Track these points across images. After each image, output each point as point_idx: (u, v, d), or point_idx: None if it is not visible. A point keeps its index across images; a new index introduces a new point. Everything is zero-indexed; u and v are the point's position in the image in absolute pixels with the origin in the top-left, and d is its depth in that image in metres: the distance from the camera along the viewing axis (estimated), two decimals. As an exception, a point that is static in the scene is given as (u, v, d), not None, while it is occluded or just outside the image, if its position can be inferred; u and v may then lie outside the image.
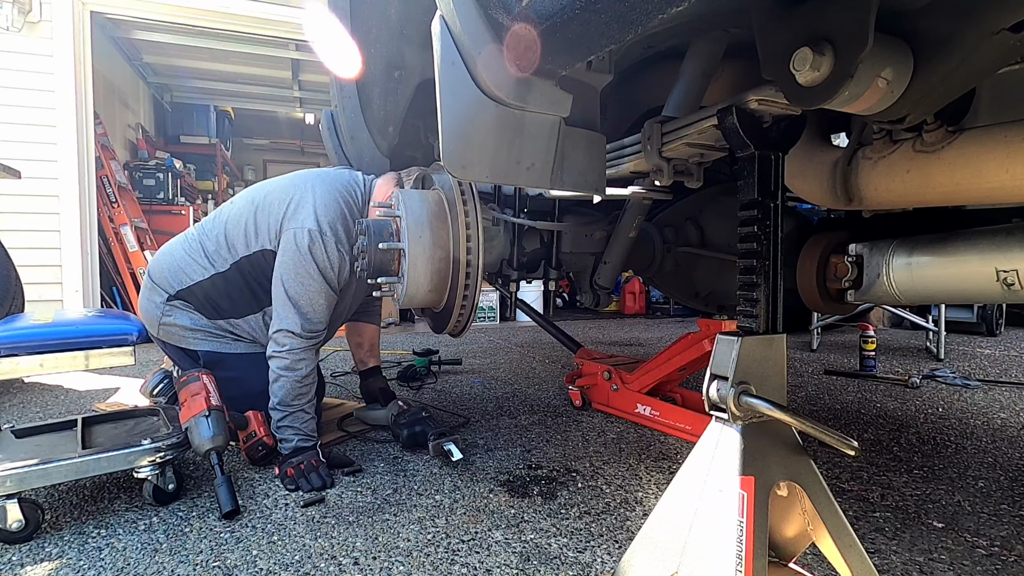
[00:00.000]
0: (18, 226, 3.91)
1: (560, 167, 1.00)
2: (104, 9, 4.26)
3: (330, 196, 1.71)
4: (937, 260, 1.22)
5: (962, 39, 0.70)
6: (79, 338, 1.30)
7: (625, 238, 1.89)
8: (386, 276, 1.72)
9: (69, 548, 1.16)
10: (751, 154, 0.87)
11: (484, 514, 1.31)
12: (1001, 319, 4.62)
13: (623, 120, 1.56)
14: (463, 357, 3.40)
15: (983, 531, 1.25)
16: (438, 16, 0.86)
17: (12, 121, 3.96)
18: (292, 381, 1.55)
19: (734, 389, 0.77)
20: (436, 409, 2.19)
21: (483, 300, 5.42)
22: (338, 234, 1.66)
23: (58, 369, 1.27)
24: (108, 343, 1.32)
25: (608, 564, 1.10)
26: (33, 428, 1.47)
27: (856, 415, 2.18)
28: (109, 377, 2.83)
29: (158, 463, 1.34)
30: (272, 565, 1.10)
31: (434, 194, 1.75)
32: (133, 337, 1.34)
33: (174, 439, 1.38)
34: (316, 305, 1.62)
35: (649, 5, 0.61)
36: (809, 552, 1.04)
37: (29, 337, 1.26)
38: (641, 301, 6.68)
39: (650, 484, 1.48)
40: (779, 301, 0.87)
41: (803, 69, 0.70)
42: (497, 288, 2.52)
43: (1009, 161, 0.99)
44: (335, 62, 1.95)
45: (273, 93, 6.72)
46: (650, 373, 2.01)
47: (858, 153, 1.27)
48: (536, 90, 0.89)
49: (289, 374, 1.56)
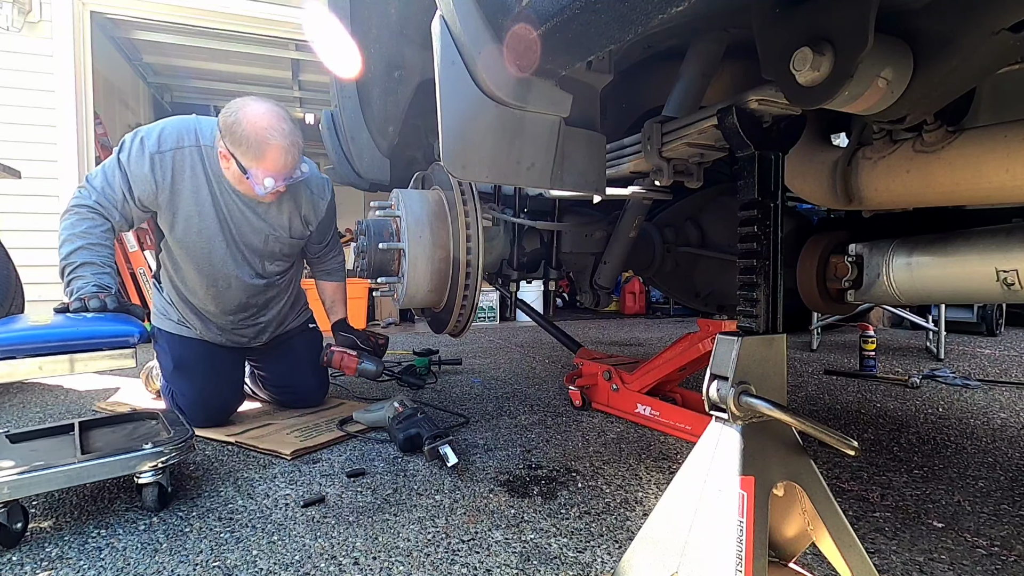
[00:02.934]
0: (18, 226, 3.91)
1: (560, 167, 1.00)
2: (104, 9, 4.26)
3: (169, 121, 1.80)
4: (937, 260, 1.22)
5: (962, 39, 0.70)
6: (79, 340, 1.25)
7: (625, 238, 1.89)
8: (386, 276, 1.72)
9: (69, 548, 1.16)
10: (751, 154, 0.87)
11: (484, 514, 1.31)
12: (1001, 319, 4.62)
13: (623, 120, 1.56)
14: (463, 357, 3.40)
15: (983, 531, 1.25)
16: (438, 16, 0.86)
17: (12, 121, 3.96)
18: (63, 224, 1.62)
19: (734, 389, 0.77)
20: (436, 409, 2.19)
21: (483, 300, 5.41)
22: (159, 144, 1.72)
23: (57, 372, 1.23)
24: (109, 345, 1.27)
25: (608, 564, 1.10)
26: (29, 433, 1.45)
27: (856, 415, 2.18)
28: (109, 377, 2.83)
29: (160, 467, 1.32)
30: (272, 565, 1.10)
31: (434, 194, 1.75)
32: (134, 339, 1.29)
33: (176, 442, 1.35)
34: (99, 178, 1.70)
35: (649, 5, 0.61)
36: (809, 552, 1.04)
37: (27, 339, 1.21)
38: (641, 301, 6.68)
39: (650, 484, 1.48)
40: (779, 301, 0.87)
41: (803, 69, 0.70)
42: (497, 288, 2.52)
43: (1009, 161, 0.99)
44: (335, 62, 1.95)
45: (273, 93, 6.71)
46: (650, 373, 2.01)
47: (858, 153, 1.27)
48: (536, 90, 0.89)
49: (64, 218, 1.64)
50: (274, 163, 1.66)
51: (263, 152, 1.64)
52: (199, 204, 1.78)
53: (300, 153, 1.74)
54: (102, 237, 1.63)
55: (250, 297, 1.97)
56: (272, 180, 1.68)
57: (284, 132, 1.66)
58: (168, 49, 5.37)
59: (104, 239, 1.63)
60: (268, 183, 1.67)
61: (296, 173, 1.74)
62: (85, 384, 2.70)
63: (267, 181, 1.67)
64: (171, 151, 1.73)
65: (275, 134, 1.64)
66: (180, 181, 1.75)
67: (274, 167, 1.67)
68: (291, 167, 1.70)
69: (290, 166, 1.70)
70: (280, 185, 1.71)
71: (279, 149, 1.65)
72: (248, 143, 1.64)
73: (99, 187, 1.68)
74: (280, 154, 1.66)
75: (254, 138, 1.63)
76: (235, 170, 1.70)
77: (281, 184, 1.71)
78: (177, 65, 5.85)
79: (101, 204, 1.66)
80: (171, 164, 1.73)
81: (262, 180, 1.67)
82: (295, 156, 1.70)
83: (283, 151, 1.66)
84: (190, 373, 1.91)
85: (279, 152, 1.65)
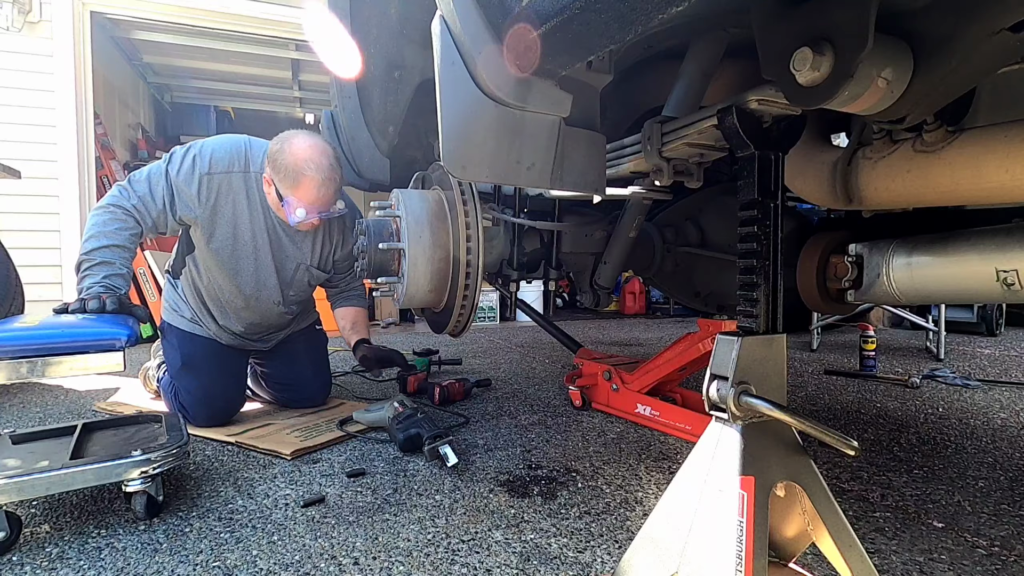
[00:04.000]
0: (18, 226, 3.91)
1: (560, 167, 1.00)
2: (104, 9, 4.27)
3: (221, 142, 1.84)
4: (937, 260, 1.22)
5: (962, 39, 0.70)
6: (65, 342, 1.20)
7: (625, 238, 1.89)
8: (386, 276, 1.72)
9: (69, 548, 1.16)
10: (751, 154, 0.87)
11: (484, 514, 1.31)
12: (1001, 319, 4.62)
13: (623, 120, 1.56)
14: (463, 357, 3.40)
15: (983, 531, 1.25)
16: (438, 16, 0.86)
17: (12, 121, 3.96)
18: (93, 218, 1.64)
19: (734, 389, 0.77)
20: (435, 409, 2.19)
21: (483, 300, 5.41)
22: (211, 166, 1.76)
23: (40, 375, 1.17)
24: (96, 348, 1.22)
25: (608, 564, 1.10)
26: (31, 434, 1.43)
27: (856, 415, 2.18)
28: (109, 377, 2.83)
29: (150, 476, 1.25)
30: (272, 565, 1.10)
31: (434, 194, 1.75)
32: (122, 341, 1.24)
33: (168, 449, 1.30)
34: (143, 183, 1.72)
35: (649, 5, 0.61)
36: (809, 552, 1.04)
37: (10, 341, 1.17)
38: (641, 301, 6.68)
39: (650, 484, 1.48)
40: (779, 301, 0.87)
41: (803, 69, 0.70)
42: (497, 288, 2.52)
43: (1009, 161, 0.99)
44: (335, 62, 1.95)
45: (273, 93, 6.72)
46: (650, 373, 2.01)
47: (858, 153, 1.27)
48: (536, 90, 0.89)
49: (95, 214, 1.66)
50: (307, 194, 1.70)
51: (299, 182, 1.69)
52: (237, 227, 1.82)
53: (337, 191, 1.78)
54: (128, 240, 1.65)
55: (265, 319, 2.03)
56: (304, 211, 1.72)
57: (322, 167, 1.70)
58: (168, 49, 5.37)
59: (130, 242, 1.66)
60: (300, 213, 1.72)
61: (331, 209, 1.79)
62: (85, 384, 2.70)
63: (299, 211, 1.72)
64: (221, 174, 1.77)
65: (312, 167, 1.68)
66: (223, 204, 1.79)
67: (307, 198, 1.71)
68: (325, 201, 1.75)
69: (324, 200, 1.74)
70: (313, 218, 1.75)
71: (314, 182, 1.69)
72: (286, 172, 1.68)
73: (141, 193, 1.70)
74: (314, 187, 1.70)
75: (292, 168, 1.68)
76: (274, 197, 1.75)
77: (314, 217, 1.75)
78: (177, 65, 5.85)
79: (138, 209, 1.68)
80: (217, 187, 1.77)
81: (295, 209, 1.72)
82: (330, 192, 1.74)
83: (318, 185, 1.70)
84: (197, 371, 1.92)
85: (314, 185, 1.69)
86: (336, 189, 1.77)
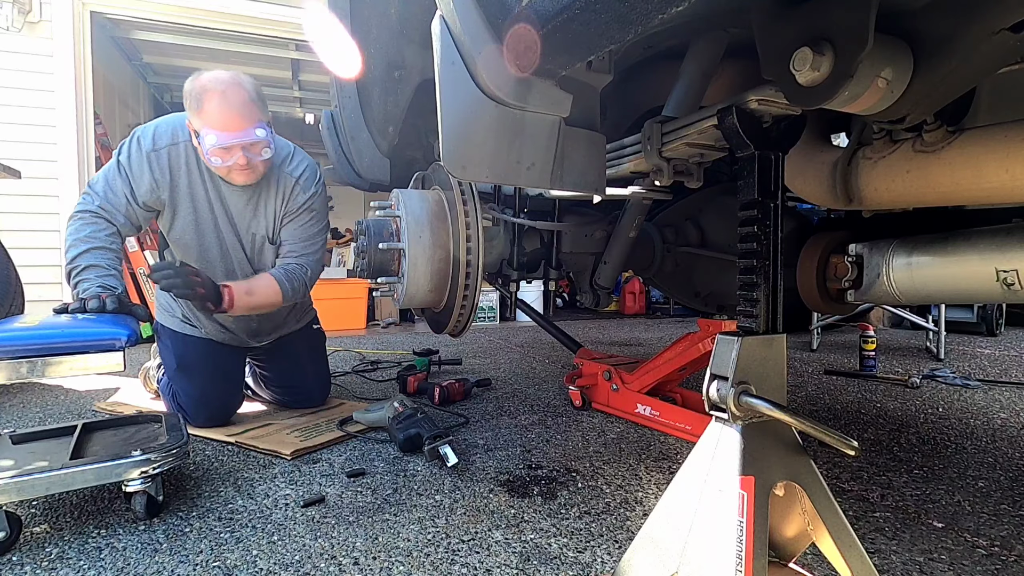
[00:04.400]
0: (18, 226, 3.91)
1: (560, 167, 1.00)
2: (104, 9, 4.26)
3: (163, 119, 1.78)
4: (937, 260, 1.22)
5: (962, 39, 0.70)
6: (65, 342, 1.20)
7: (625, 238, 1.89)
8: (386, 276, 1.72)
9: (69, 548, 1.16)
10: (751, 154, 0.87)
11: (484, 514, 1.31)
12: (1001, 319, 4.62)
13: (623, 120, 1.56)
14: (463, 357, 3.40)
15: (983, 531, 1.25)
16: (438, 16, 0.86)
17: (12, 121, 3.96)
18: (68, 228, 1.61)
19: (734, 389, 0.77)
20: (435, 409, 2.19)
21: (483, 300, 5.41)
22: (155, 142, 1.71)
23: (40, 375, 1.16)
24: (96, 348, 1.21)
25: (608, 564, 1.10)
26: (31, 434, 1.43)
27: (856, 415, 2.18)
28: (109, 377, 2.83)
29: (150, 476, 1.25)
30: (272, 565, 1.10)
31: (434, 194, 1.75)
32: (122, 341, 1.23)
33: (168, 449, 1.30)
34: (100, 183, 1.68)
35: (649, 5, 0.61)
36: (809, 552, 1.04)
37: (10, 341, 1.16)
38: (641, 301, 6.68)
39: (650, 484, 1.48)
40: (779, 301, 0.87)
41: (803, 69, 0.70)
42: (497, 288, 2.52)
43: (1009, 161, 0.99)
44: (335, 62, 1.95)
45: (273, 93, 6.71)
46: (650, 373, 2.01)
47: (858, 153, 1.27)
48: (536, 90, 0.89)
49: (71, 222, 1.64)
50: (212, 113, 1.55)
51: (201, 101, 1.56)
52: (194, 200, 1.78)
53: (254, 112, 1.62)
54: (107, 240, 1.62)
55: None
56: (215, 137, 1.56)
57: (221, 79, 1.56)
58: (168, 49, 5.37)
59: (109, 242, 1.63)
60: (210, 140, 1.56)
61: (251, 135, 1.61)
62: (85, 384, 2.70)
63: (209, 138, 1.56)
64: (166, 148, 1.72)
65: (211, 80, 1.56)
66: (177, 177, 1.74)
67: (213, 118, 1.56)
68: (235, 120, 1.57)
69: (233, 119, 1.57)
70: (226, 142, 1.57)
71: (215, 94, 1.55)
72: (192, 98, 1.58)
73: (101, 192, 1.67)
74: (216, 99, 1.55)
75: (197, 91, 1.57)
76: (196, 142, 1.65)
77: (228, 142, 1.57)
78: (177, 65, 5.84)
79: (104, 208, 1.66)
80: (167, 161, 1.72)
81: (207, 142, 1.57)
82: (242, 112, 1.58)
83: (219, 97, 1.55)
84: (192, 372, 1.91)
85: (215, 97, 1.55)
86: (246, 108, 1.59)
